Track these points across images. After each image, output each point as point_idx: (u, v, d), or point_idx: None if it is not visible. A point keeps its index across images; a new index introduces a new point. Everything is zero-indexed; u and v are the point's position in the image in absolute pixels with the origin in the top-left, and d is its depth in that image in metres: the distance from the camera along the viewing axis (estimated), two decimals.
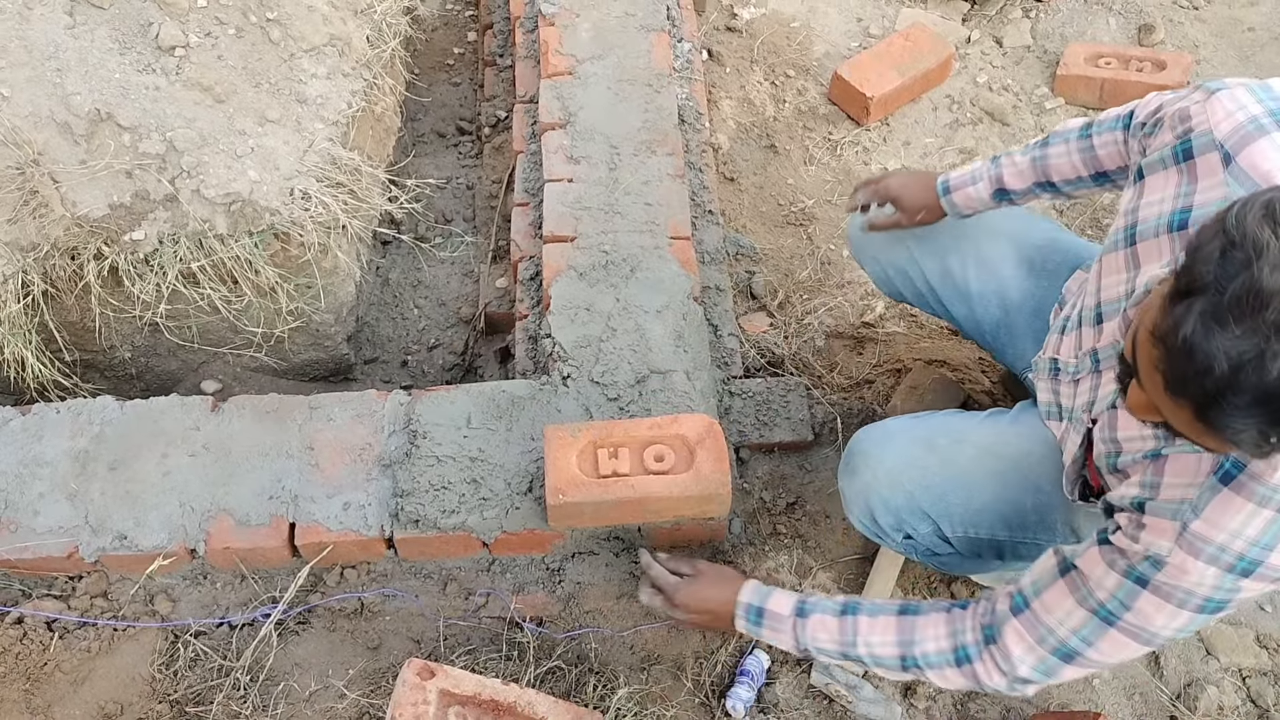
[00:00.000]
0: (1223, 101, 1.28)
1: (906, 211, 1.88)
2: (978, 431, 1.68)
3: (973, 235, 1.86)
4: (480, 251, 2.72)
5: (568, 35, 2.62)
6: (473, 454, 1.91)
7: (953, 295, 1.88)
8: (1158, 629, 1.25)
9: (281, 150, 2.17)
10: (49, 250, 2.07)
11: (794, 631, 1.57)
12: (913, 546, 1.70)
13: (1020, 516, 1.60)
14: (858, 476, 1.68)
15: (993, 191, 1.78)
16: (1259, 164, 1.21)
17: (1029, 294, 1.82)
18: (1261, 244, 0.90)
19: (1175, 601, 1.22)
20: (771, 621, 1.59)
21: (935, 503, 1.62)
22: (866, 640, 1.50)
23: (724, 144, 2.81)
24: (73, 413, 1.98)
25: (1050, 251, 1.83)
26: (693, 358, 2.06)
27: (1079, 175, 1.68)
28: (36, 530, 1.84)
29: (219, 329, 2.35)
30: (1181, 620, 1.23)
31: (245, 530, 1.85)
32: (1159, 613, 1.24)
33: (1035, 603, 1.36)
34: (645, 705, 1.78)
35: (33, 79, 2.02)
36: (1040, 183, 1.73)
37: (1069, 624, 1.33)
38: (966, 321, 1.91)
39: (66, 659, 1.81)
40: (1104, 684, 1.86)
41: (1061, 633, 1.33)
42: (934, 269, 1.88)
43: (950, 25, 3.16)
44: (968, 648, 1.43)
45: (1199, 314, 0.93)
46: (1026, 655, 1.37)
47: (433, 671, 1.60)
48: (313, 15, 2.29)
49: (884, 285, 2.01)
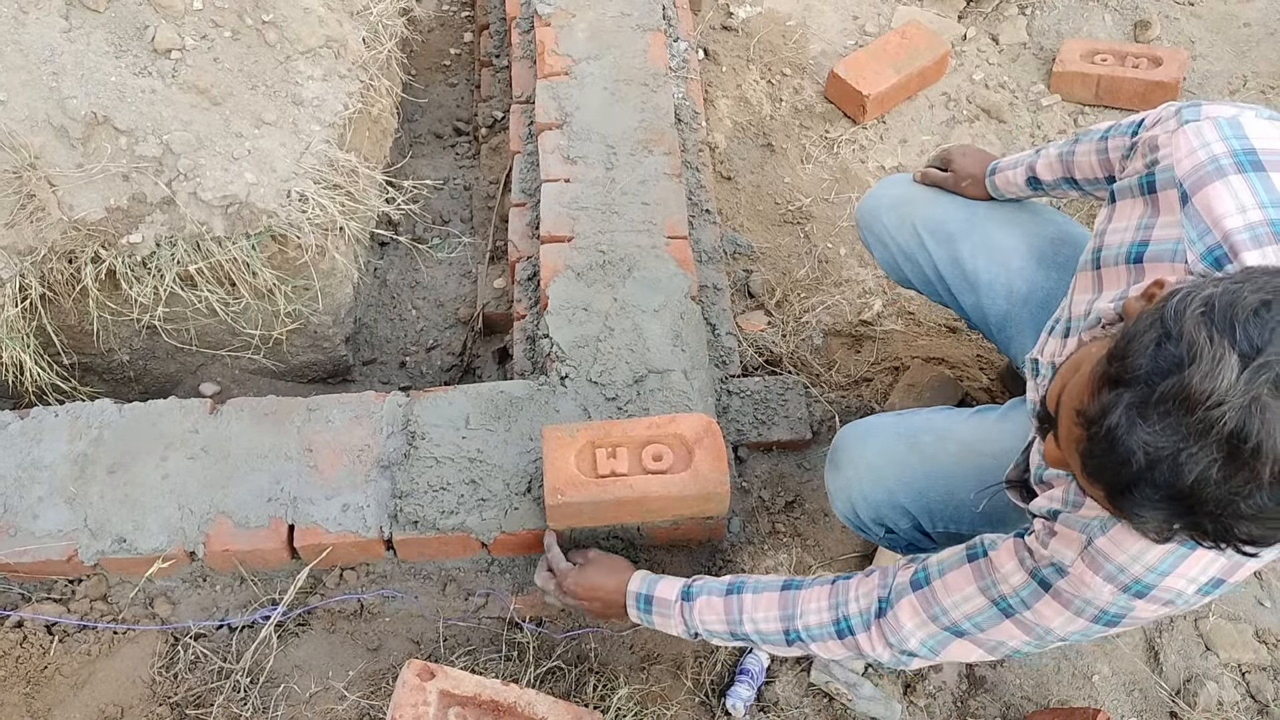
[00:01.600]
0: (1188, 136, 1.28)
1: (956, 174, 1.92)
2: (962, 428, 1.68)
3: (984, 225, 1.87)
4: (478, 252, 2.73)
5: (564, 35, 2.62)
6: (471, 455, 1.91)
7: (961, 284, 1.88)
8: (1052, 629, 1.29)
9: (278, 152, 2.17)
10: (46, 254, 2.07)
11: (682, 615, 1.59)
12: (894, 540, 1.72)
13: (1001, 512, 1.59)
14: (840, 472, 1.70)
15: (1027, 179, 1.82)
16: (1213, 207, 1.21)
17: (1037, 286, 1.82)
18: (1197, 347, 0.91)
19: (1074, 609, 1.25)
20: (660, 608, 1.62)
21: (916, 499, 1.63)
22: (751, 617, 1.53)
23: (721, 143, 2.81)
24: (71, 416, 1.98)
25: (1061, 245, 1.83)
26: (690, 357, 2.06)
27: (1096, 176, 1.71)
28: (36, 534, 1.84)
29: (217, 331, 2.35)
30: (1077, 626, 1.27)
31: (244, 532, 1.85)
32: (1057, 616, 1.27)
33: (937, 582, 1.39)
34: (645, 705, 1.78)
35: (28, 82, 2.02)
36: (1066, 178, 1.77)
37: (965, 608, 1.36)
38: (973, 311, 1.90)
39: (66, 662, 1.81)
40: (1103, 680, 1.86)
41: (956, 614, 1.37)
42: (943, 256, 1.88)
43: (946, 23, 3.16)
44: (850, 619, 1.46)
45: (1125, 406, 0.94)
46: (918, 630, 1.40)
47: (432, 672, 1.60)
48: (308, 17, 2.29)
49: (891, 270, 2.00)
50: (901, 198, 1.94)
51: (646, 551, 1.95)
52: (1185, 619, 1.93)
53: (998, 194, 1.88)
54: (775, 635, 1.53)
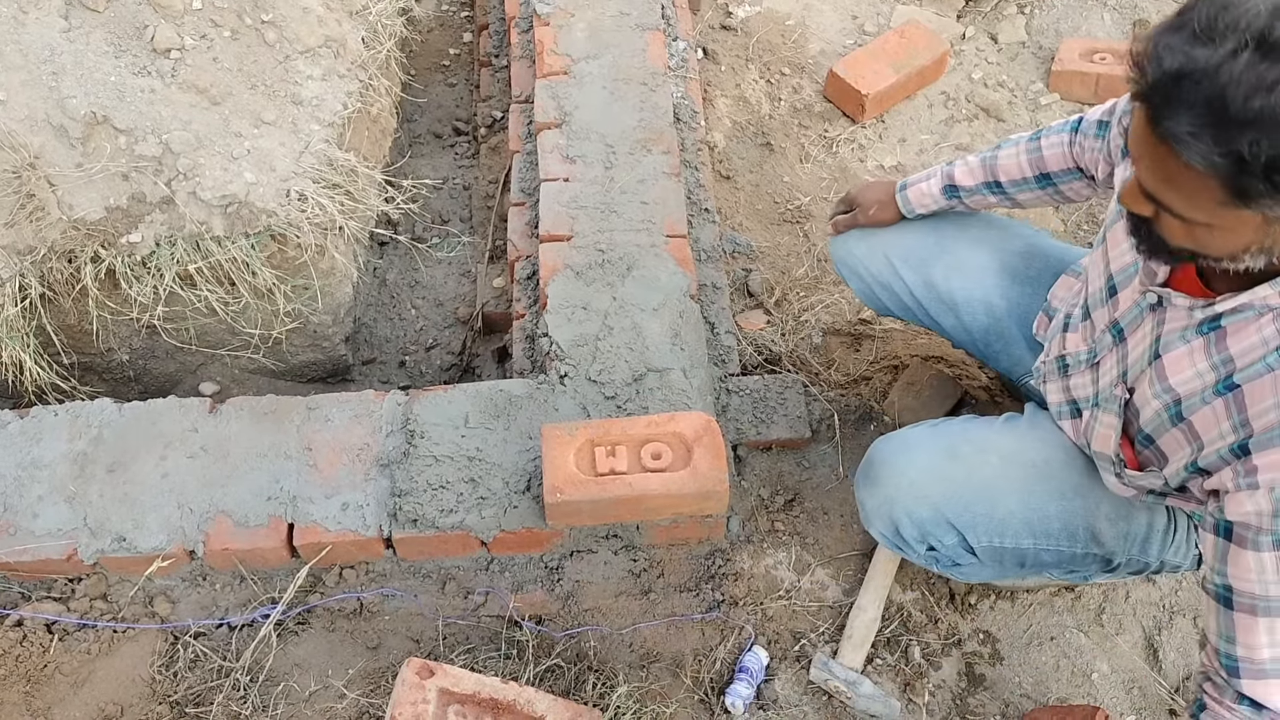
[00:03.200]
0: None
1: (861, 206, 1.93)
2: (999, 439, 1.66)
3: (952, 246, 1.87)
4: (477, 251, 2.73)
5: (563, 35, 2.63)
6: (470, 453, 1.91)
7: (938, 306, 1.88)
8: None
9: (278, 152, 2.17)
10: (46, 253, 2.07)
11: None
12: (935, 558, 1.68)
13: (1045, 524, 1.59)
14: (880, 488, 1.65)
15: (943, 187, 1.84)
16: None
17: (1014, 302, 1.82)
18: None
19: None
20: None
21: (961, 513, 1.59)
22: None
23: (720, 142, 2.81)
24: (71, 415, 1.98)
25: (1031, 258, 1.83)
26: (689, 355, 2.06)
27: (1024, 176, 1.75)
28: (35, 533, 1.84)
29: (217, 331, 2.35)
30: None
31: (244, 531, 1.85)
32: None
33: (1239, 650, 1.27)
34: (645, 703, 1.78)
35: (28, 82, 2.03)
36: (988, 182, 1.79)
37: (1277, 641, 1.24)
38: (956, 331, 1.91)
39: (66, 661, 1.82)
40: (1102, 678, 1.86)
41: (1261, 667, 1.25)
42: (916, 281, 1.88)
43: (945, 22, 3.16)
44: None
45: (1167, 28, 1.04)
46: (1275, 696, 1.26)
47: (432, 670, 1.60)
48: (308, 17, 2.30)
49: (870, 300, 1.99)
50: (869, 230, 1.94)
51: (645, 550, 1.95)
52: (1184, 616, 1.93)
53: (910, 209, 1.88)
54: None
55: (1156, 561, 1.64)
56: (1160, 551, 1.62)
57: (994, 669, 1.88)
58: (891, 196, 1.90)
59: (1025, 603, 1.94)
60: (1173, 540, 1.61)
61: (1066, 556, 1.63)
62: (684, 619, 1.90)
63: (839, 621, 1.91)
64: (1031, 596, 1.95)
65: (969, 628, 1.92)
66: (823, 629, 1.91)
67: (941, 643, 1.89)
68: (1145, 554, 1.62)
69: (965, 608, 1.94)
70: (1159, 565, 1.66)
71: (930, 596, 1.94)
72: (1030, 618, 1.93)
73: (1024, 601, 1.95)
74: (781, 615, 1.92)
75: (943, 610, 1.93)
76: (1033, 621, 1.93)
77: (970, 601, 1.94)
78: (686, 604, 1.92)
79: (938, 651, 1.89)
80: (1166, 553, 1.62)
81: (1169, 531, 1.60)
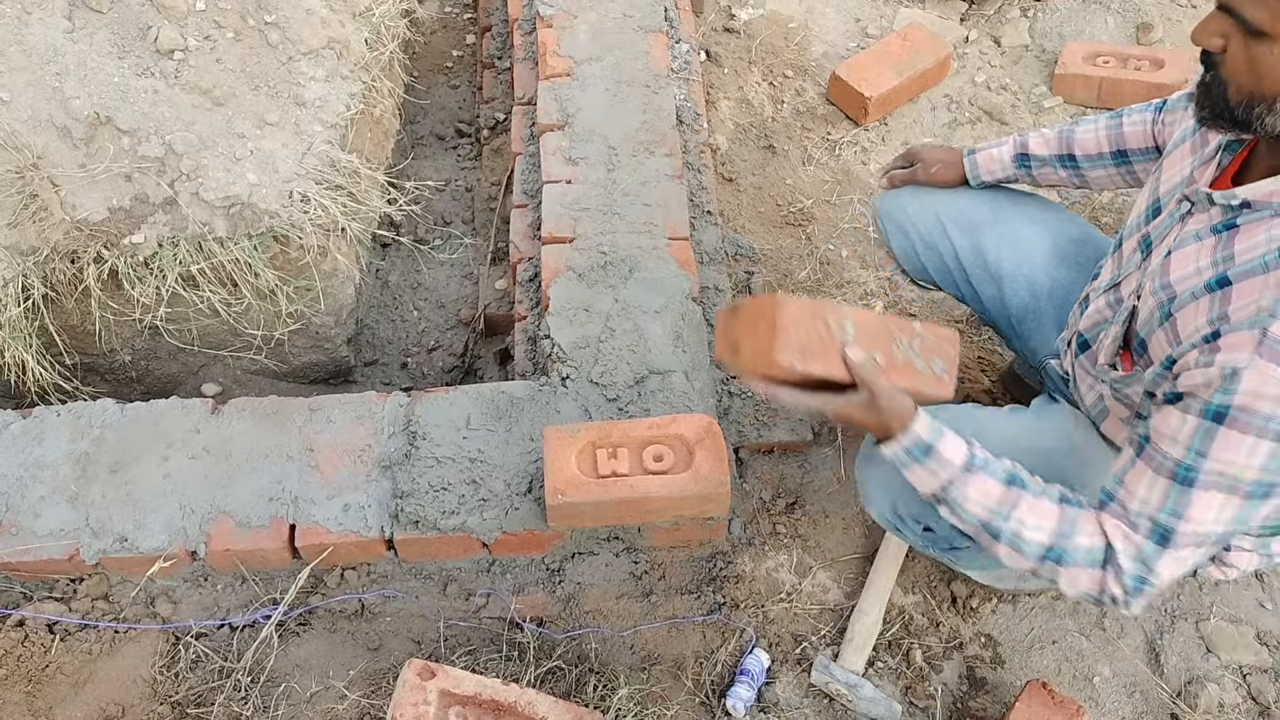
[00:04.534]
0: None
1: (924, 163, 1.93)
2: (1001, 424, 1.66)
3: (1007, 217, 1.87)
4: (479, 253, 2.73)
5: (565, 37, 2.63)
6: (472, 455, 1.91)
7: (982, 275, 1.88)
8: (1240, 470, 1.22)
9: (280, 153, 2.17)
10: (49, 254, 2.08)
11: (953, 480, 1.42)
12: (931, 540, 1.68)
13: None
14: (879, 467, 1.63)
15: (1014, 155, 1.84)
16: None
17: (1059, 283, 1.83)
18: None
19: (1254, 431, 1.19)
20: (934, 463, 1.42)
21: None
22: (1021, 519, 1.38)
23: (722, 144, 2.81)
24: (73, 415, 1.98)
25: (1084, 245, 1.84)
26: (691, 358, 2.06)
27: (1100, 152, 1.75)
28: (37, 533, 1.84)
29: (219, 332, 2.35)
30: (1262, 454, 1.20)
31: (246, 532, 1.85)
32: (1239, 449, 1.21)
33: (1120, 491, 1.33)
34: (645, 705, 1.78)
35: (32, 83, 2.03)
36: (1061, 155, 1.79)
37: (1153, 500, 1.29)
38: (992, 303, 1.90)
39: (68, 661, 1.82)
40: (1104, 682, 1.86)
41: (1149, 511, 1.29)
42: (966, 245, 1.87)
43: (948, 25, 3.16)
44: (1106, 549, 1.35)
45: None
46: (1126, 547, 1.32)
47: (433, 672, 1.60)
48: (311, 18, 2.30)
49: (908, 260, 1.97)
50: (924, 189, 1.94)
51: (647, 552, 1.95)
52: (1186, 620, 1.92)
53: (976, 175, 1.89)
54: (1035, 546, 1.37)
55: None
56: None
57: (995, 672, 1.87)
58: (957, 159, 1.90)
59: (1027, 606, 1.94)
60: None
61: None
62: (685, 621, 1.90)
63: (840, 624, 1.91)
64: (1033, 600, 1.95)
65: (970, 631, 1.92)
66: (824, 632, 1.91)
67: (943, 646, 1.89)
68: None
69: (967, 611, 1.93)
70: None
71: (932, 599, 1.94)
72: (1032, 621, 1.93)
73: (1026, 605, 1.94)
74: (783, 618, 1.92)
75: (944, 613, 1.93)
76: (1034, 625, 1.92)
77: (972, 605, 1.94)
78: (688, 606, 1.92)
79: (939, 655, 1.88)
80: None
81: None
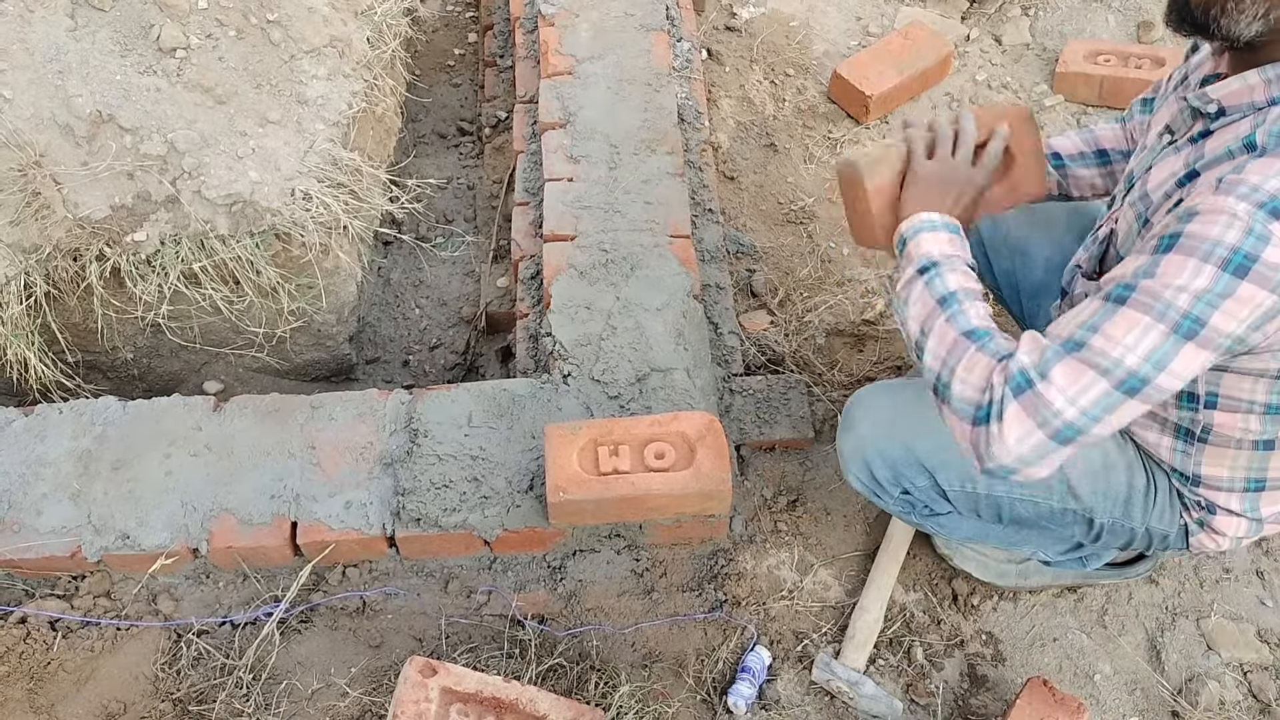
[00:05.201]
0: None
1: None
2: None
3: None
4: (481, 251, 2.73)
5: (567, 35, 2.63)
6: (474, 452, 1.91)
7: (1000, 248, 1.89)
8: (1174, 294, 1.21)
9: (282, 151, 2.18)
10: (51, 252, 2.08)
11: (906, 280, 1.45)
12: (909, 503, 1.69)
13: None
14: (854, 430, 1.67)
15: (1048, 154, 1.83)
16: None
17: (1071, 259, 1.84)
18: None
19: (1199, 255, 1.19)
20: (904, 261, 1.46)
21: (934, 452, 1.60)
22: (925, 333, 1.40)
23: (724, 143, 2.81)
24: (75, 413, 1.98)
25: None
26: (693, 355, 2.06)
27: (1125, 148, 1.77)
28: (40, 530, 1.85)
29: (221, 329, 2.35)
30: (1203, 279, 1.19)
31: (247, 529, 1.85)
32: (1181, 270, 1.20)
33: (1052, 326, 1.33)
34: (647, 702, 1.78)
35: (34, 81, 2.03)
36: (1086, 152, 1.81)
37: (1078, 318, 1.28)
38: (1004, 278, 1.91)
39: (70, 658, 1.82)
40: (1105, 679, 1.86)
41: (1069, 327, 1.28)
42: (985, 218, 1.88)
43: (949, 23, 3.16)
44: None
45: None
46: (1030, 345, 1.30)
47: (435, 669, 1.60)
48: (313, 17, 2.30)
49: None
50: None
51: (648, 550, 1.96)
52: (1187, 617, 1.93)
53: None
54: (929, 369, 1.38)
55: (1142, 528, 1.65)
56: (1144, 517, 1.63)
57: (996, 670, 1.87)
58: None
59: (1028, 604, 1.94)
60: (1154, 504, 1.62)
61: (1045, 511, 1.64)
62: (686, 619, 1.90)
63: (841, 622, 1.91)
64: (1034, 598, 1.95)
65: (971, 629, 1.92)
66: (825, 629, 1.91)
67: (944, 643, 1.89)
68: (1129, 518, 1.63)
69: (968, 609, 1.94)
70: (1146, 536, 1.66)
71: (933, 597, 1.94)
72: (1033, 619, 1.93)
73: (1026, 603, 1.94)
74: (784, 615, 1.92)
75: (945, 611, 1.93)
76: (1035, 623, 1.92)
77: (973, 603, 1.94)
78: (689, 604, 1.92)
79: (940, 652, 1.89)
80: (1150, 518, 1.63)
81: (1149, 493, 1.62)
